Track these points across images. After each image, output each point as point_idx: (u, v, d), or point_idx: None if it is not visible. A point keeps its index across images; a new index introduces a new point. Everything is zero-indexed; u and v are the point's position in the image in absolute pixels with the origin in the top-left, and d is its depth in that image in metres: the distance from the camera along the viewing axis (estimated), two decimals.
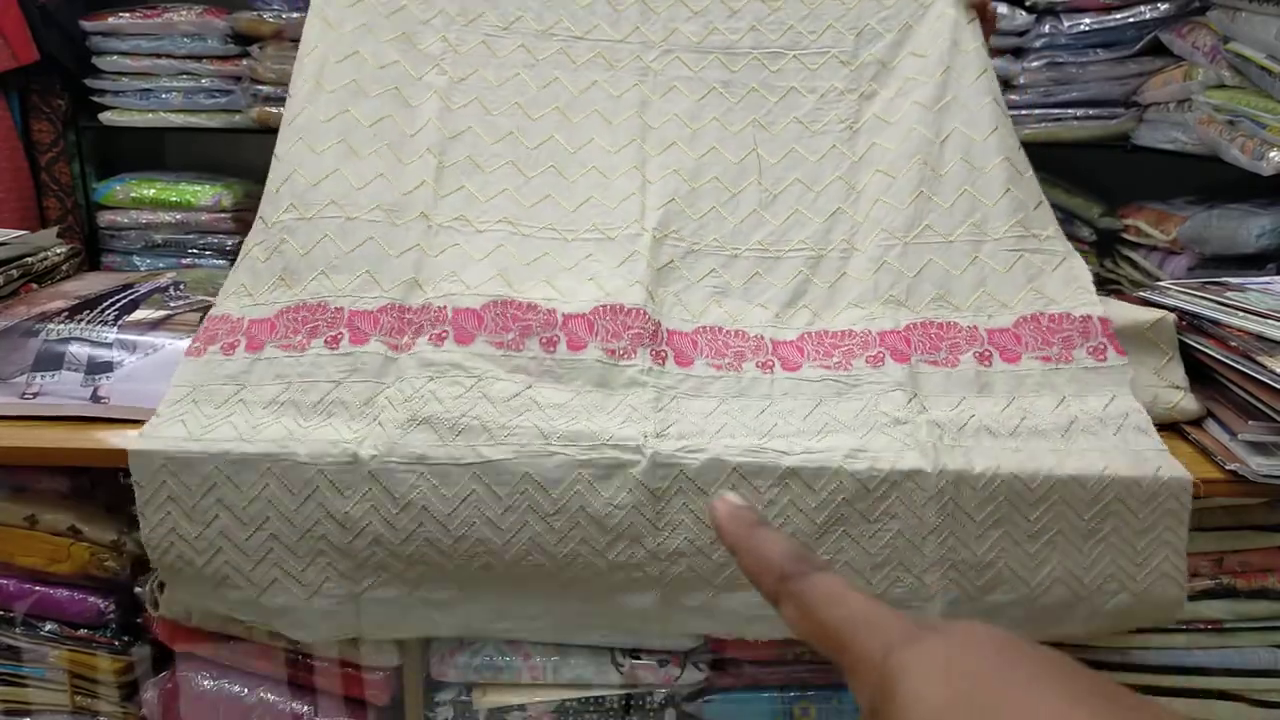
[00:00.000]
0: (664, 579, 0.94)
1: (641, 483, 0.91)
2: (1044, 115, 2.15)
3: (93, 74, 2.41)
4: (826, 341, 1.08)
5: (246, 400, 0.99)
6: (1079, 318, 1.06)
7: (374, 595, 0.95)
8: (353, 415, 0.97)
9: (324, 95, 1.20)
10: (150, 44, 2.37)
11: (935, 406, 1.00)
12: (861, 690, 0.33)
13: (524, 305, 1.05)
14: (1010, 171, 1.16)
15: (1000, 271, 1.11)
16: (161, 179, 2.47)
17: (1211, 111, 1.83)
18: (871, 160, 1.20)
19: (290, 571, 0.95)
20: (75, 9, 2.36)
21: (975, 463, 0.92)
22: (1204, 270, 1.86)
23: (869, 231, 1.16)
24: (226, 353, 1.03)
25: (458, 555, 0.93)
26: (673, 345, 1.05)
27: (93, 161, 2.53)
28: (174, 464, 0.94)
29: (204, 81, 2.40)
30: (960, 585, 0.93)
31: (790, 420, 0.98)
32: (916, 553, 0.92)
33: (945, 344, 1.06)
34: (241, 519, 0.94)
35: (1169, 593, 0.94)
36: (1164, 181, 2.14)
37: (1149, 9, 2.02)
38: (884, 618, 0.34)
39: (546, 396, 0.98)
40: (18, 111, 2.37)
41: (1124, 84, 2.11)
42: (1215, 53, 1.81)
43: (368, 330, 1.03)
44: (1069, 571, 0.93)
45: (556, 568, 0.93)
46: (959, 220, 1.14)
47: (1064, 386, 1.01)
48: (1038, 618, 0.95)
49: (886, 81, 1.24)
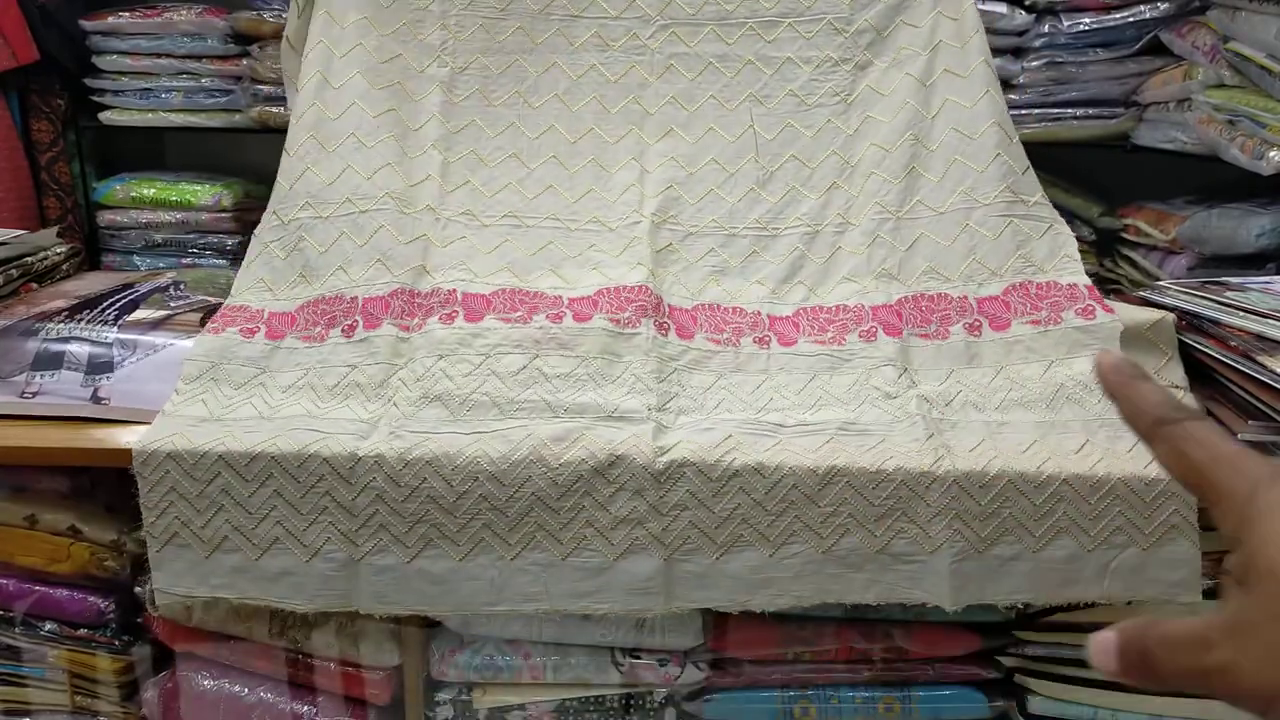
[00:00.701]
0: (666, 538, 0.93)
1: (645, 444, 0.94)
2: (1044, 115, 2.15)
3: (92, 74, 2.41)
4: (821, 316, 1.12)
5: (266, 384, 1.02)
6: (1066, 285, 1.09)
7: (373, 562, 0.95)
8: (368, 397, 1.00)
9: (330, 91, 1.22)
10: (150, 44, 2.37)
11: (925, 380, 1.03)
12: (1225, 523, 0.37)
13: (532, 293, 1.09)
14: (1000, 136, 1.19)
15: (990, 238, 1.14)
16: (161, 179, 2.46)
17: (1211, 111, 1.83)
18: (865, 134, 1.23)
19: (292, 530, 0.95)
20: (75, 9, 2.35)
21: (963, 442, 0.95)
22: (1204, 270, 1.86)
23: (863, 206, 1.19)
24: (245, 336, 1.06)
25: (460, 512, 0.93)
26: (674, 319, 1.09)
27: (93, 161, 2.53)
28: (183, 438, 0.95)
29: (204, 81, 2.40)
30: (964, 536, 0.92)
31: (785, 394, 1.02)
32: (919, 502, 0.92)
33: (936, 316, 1.10)
34: (244, 475, 0.94)
35: (1180, 549, 0.92)
36: (1164, 181, 2.14)
37: (1149, 8, 2.02)
38: (1252, 461, 0.38)
39: (553, 366, 1.01)
40: (18, 111, 2.36)
41: (1124, 84, 2.11)
42: (1215, 52, 1.81)
43: (380, 315, 1.07)
44: (1074, 522, 0.92)
45: (559, 525, 0.93)
46: (950, 190, 1.18)
47: (1051, 351, 1.04)
48: (1044, 576, 0.93)
49: (880, 51, 1.27)
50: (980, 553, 0.92)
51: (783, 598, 0.95)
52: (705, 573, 0.94)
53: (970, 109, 1.20)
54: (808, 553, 0.93)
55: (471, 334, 1.03)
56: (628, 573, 0.94)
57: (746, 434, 0.96)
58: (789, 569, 0.94)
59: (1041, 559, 0.93)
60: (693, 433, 0.96)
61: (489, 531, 0.94)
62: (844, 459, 0.93)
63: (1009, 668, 1.05)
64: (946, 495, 0.92)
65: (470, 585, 0.95)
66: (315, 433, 0.95)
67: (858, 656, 1.04)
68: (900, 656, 1.04)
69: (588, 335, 1.03)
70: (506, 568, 0.95)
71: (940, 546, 0.92)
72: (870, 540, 0.93)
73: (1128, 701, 1.02)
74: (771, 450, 0.94)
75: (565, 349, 1.02)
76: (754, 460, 0.93)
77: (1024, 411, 0.99)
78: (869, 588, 0.94)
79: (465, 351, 1.01)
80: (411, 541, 0.94)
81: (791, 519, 0.93)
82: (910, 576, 0.94)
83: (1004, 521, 0.92)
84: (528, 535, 0.94)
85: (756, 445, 0.95)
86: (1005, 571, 0.93)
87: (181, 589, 0.97)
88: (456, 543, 0.94)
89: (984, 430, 0.98)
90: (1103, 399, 0.96)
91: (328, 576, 0.95)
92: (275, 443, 0.94)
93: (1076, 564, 0.93)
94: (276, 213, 1.18)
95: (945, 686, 1.05)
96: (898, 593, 0.94)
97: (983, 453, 0.94)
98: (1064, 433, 0.97)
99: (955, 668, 1.04)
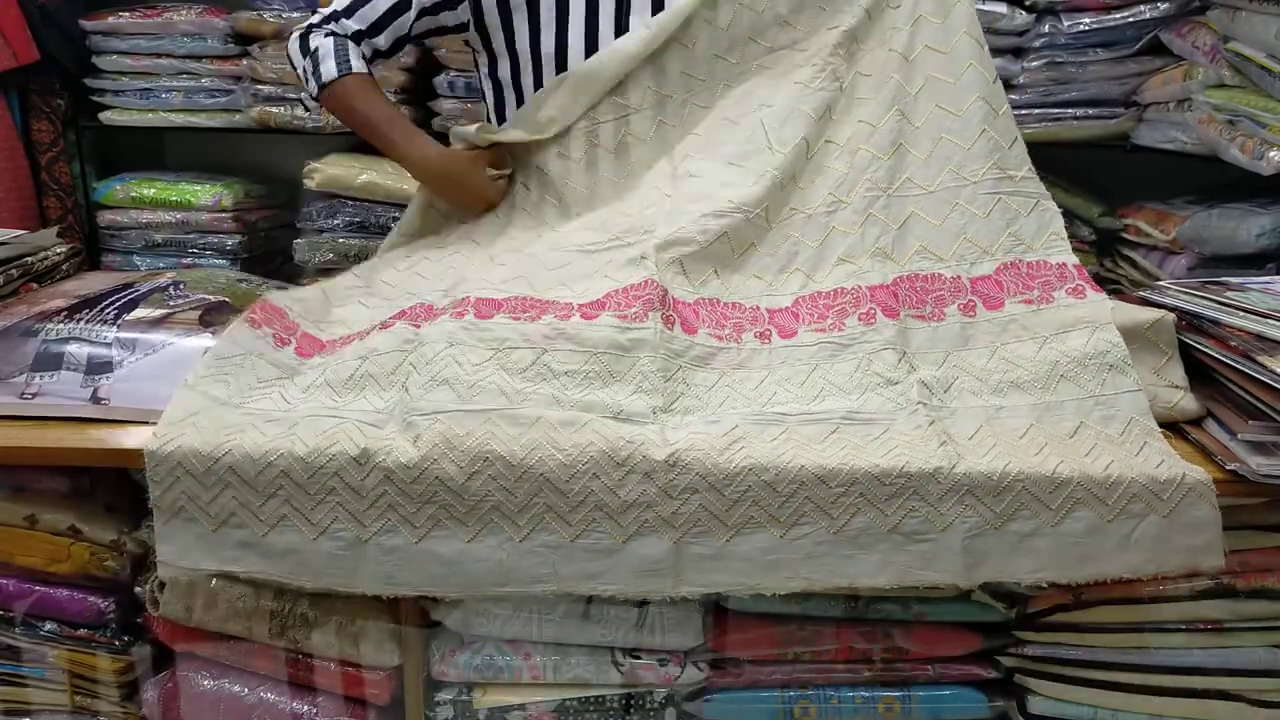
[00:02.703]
0: (676, 520, 0.93)
1: (653, 437, 0.95)
2: (1044, 115, 2.15)
3: (93, 74, 2.41)
4: (820, 303, 1.14)
5: (286, 386, 1.05)
6: (1055, 265, 1.12)
7: (380, 542, 0.95)
8: (383, 386, 1.02)
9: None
10: (150, 44, 2.37)
11: (923, 365, 1.05)
12: None
13: (544, 300, 1.11)
14: (985, 110, 1.21)
15: (980, 216, 1.16)
16: (161, 179, 2.46)
17: (1211, 111, 1.83)
18: (852, 112, 1.26)
19: (299, 508, 0.95)
20: (75, 9, 2.35)
21: (962, 429, 0.97)
22: (1204, 270, 1.86)
23: (853, 183, 1.22)
24: (279, 344, 1.10)
25: (469, 494, 0.93)
26: (678, 313, 1.10)
27: (93, 161, 2.53)
28: (200, 415, 0.97)
29: (204, 81, 2.40)
30: (978, 512, 0.92)
31: (788, 388, 1.03)
32: (931, 480, 0.92)
33: (931, 297, 1.12)
34: (253, 454, 0.94)
35: (1202, 511, 0.91)
36: (1164, 181, 2.14)
37: (1149, 8, 2.02)
38: None
39: (562, 362, 1.02)
40: (18, 111, 2.36)
41: (1124, 84, 2.11)
42: (1215, 52, 1.81)
43: (393, 321, 1.11)
44: (1090, 493, 0.92)
45: (568, 508, 0.93)
46: (938, 169, 1.20)
47: (1044, 328, 1.05)
48: (1064, 552, 0.93)
49: (869, 33, 1.29)
50: (996, 529, 0.92)
51: (794, 580, 0.95)
52: (715, 555, 0.94)
53: (954, 84, 1.22)
54: (818, 533, 0.93)
55: (481, 328, 1.04)
56: (637, 554, 0.94)
57: (752, 424, 0.98)
58: (800, 550, 0.94)
59: (1060, 533, 0.92)
60: (701, 425, 0.98)
61: (498, 513, 0.94)
62: (850, 452, 0.93)
63: (1009, 668, 1.05)
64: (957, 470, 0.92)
65: (479, 566, 0.95)
66: (332, 419, 0.97)
67: (858, 656, 1.04)
68: (900, 656, 1.04)
69: (596, 330, 1.04)
70: (515, 549, 0.95)
71: (952, 523, 0.92)
72: (881, 519, 0.93)
73: (1128, 701, 1.02)
74: (778, 440, 0.95)
75: (573, 344, 1.03)
76: (760, 449, 0.94)
77: (1020, 394, 1.01)
78: (881, 570, 0.94)
79: (475, 344, 1.02)
80: (420, 522, 0.94)
81: (802, 500, 0.93)
82: (923, 557, 0.93)
83: (1018, 495, 0.92)
84: (536, 517, 0.94)
85: (763, 435, 0.96)
86: (1024, 548, 0.92)
87: (187, 562, 0.97)
88: (465, 524, 0.94)
89: (982, 415, 0.99)
90: (1096, 375, 1.00)
91: (335, 555, 0.96)
92: (290, 430, 0.95)
93: (1097, 537, 0.92)
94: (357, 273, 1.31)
95: (945, 686, 1.05)
96: (911, 575, 0.94)
97: (981, 440, 0.95)
98: (1059, 414, 0.99)
99: (955, 668, 1.04)
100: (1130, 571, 0.94)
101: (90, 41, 2.39)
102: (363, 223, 2.33)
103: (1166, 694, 1.02)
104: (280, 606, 1.03)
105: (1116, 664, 1.02)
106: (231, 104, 2.41)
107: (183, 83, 2.40)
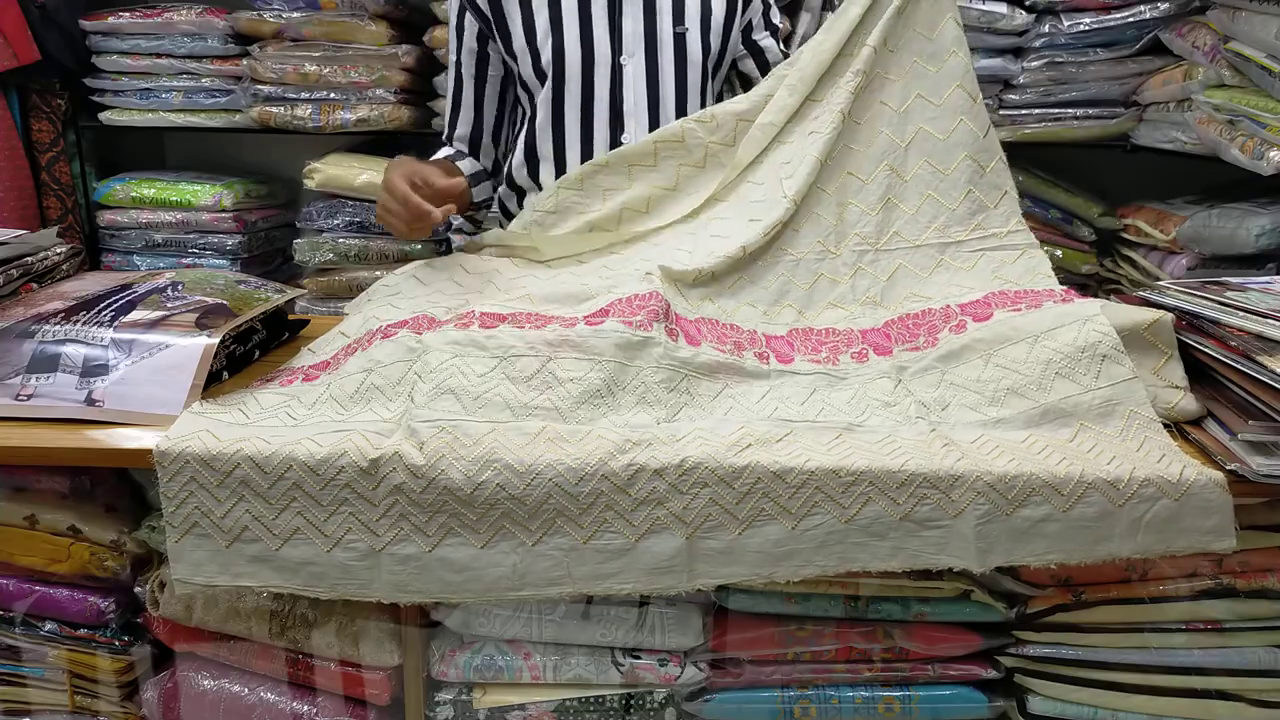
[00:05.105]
0: (688, 516, 0.93)
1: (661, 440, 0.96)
2: (1044, 115, 2.15)
3: (93, 74, 2.41)
4: (813, 337, 1.17)
5: (291, 404, 1.05)
6: (1044, 290, 1.14)
7: (394, 551, 0.95)
8: (389, 397, 1.03)
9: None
10: (150, 44, 2.37)
11: (920, 387, 1.06)
12: None
13: (548, 316, 1.11)
14: (972, 169, 1.23)
15: (965, 270, 1.20)
16: (161, 179, 2.47)
17: (1211, 111, 1.83)
18: (843, 163, 1.27)
19: (313, 521, 0.95)
20: (75, 9, 2.36)
21: (964, 437, 0.98)
22: (1204, 270, 1.86)
23: (842, 236, 1.24)
24: (284, 384, 1.11)
25: (479, 502, 0.93)
26: (681, 327, 1.11)
27: (93, 161, 2.53)
28: (208, 433, 0.97)
29: (204, 81, 2.40)
30: (989, 499, 0.92)
31: (789, 404, 1.04)
32: (940, 471, 0.92)
33: (924, 329, 1.14)
34: (264, 467, 0.94)
35: (1213, 494, 0.91)
36: (1164, 181, 2.14)
37: (1149, 9, 2.02)
38: None
39: (567, 370, 1.01)
40: (18, 111, 2.37)
41: (1124, 84, 2.11)
42: (1215, 52, 1.81)
43: (396, 330, 1.11)
44: (1101, 478, 0.92)
45: (579, 510, 0.94)
46: (924, 226, 1.24)
47: (1034, 328, 1.05)
48: (1076, 536, 0.93)
49: (871, 68, 1.28)
50: (1008, 515, 0.92)
51: (806, 568, 0.95)
52: (728, 549, 0.94)
53: (944, 141, 1.24)
54: (830, 523, 0.93)
55: (485, 336, 1.04)
56: (650, 552, 0.94)
57: (759, 424, 0.99)
58: (812, 540, 0.94)
59: (1072, 518, 0.92)
60: (708, 424, 0.99)
61: (509, 519, 0.94)
62: (856, 453, 0.94)
63: (1009, 668, 1.05)
64: (967, 458, 0.93)
65: (493, 572, 0.96)
66: (340, 433, 0.97)
67: (858, 656, 1.04)
68: (900, 656, 1.04)
69: (601, 336, 1.04)
70: (528, 554, 0.95)
71: (964, 510, 0.92)
72: (893, 508, 0.93)
73: (1128, 702, 1.02)
74: (784, 440, 0.96)
75: (578, 350, 1.03)
76: (768, 446, 0.95)
77: (1019, 399, 1.01)
78: (893, 555, 0.94)
79: (479, 352, 1.02)
80: (432, 530, 0.94)
81: (812, 490, 0.93)
82: (935, 542, 0.93)
83: (1028, 482, 0.91)
84: (548, 521, 0.94)
85: (770, 434, 0.97)
86: (1035, 533, 0.92)
87: (202, 578, 0.97)
88: (477, 531, 0.94)
89: (980, 428, 0.99)
90: (1091, 370, 0.99)
91: (349, 566, 0.96)
92: (299, 441, 0.95)
93: (1108, 521, 0.92)
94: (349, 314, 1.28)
95: (945, 686, 1.05)
96: (923, 559, 0.94)
97: (983, 445, 0.96)
98: (1057, 418, 0.99)
99: (955, 668, 1.04)
100: (1142, 553, 0.93)
101: (90, 41, 2.39)
102: (363, 223, 2.34)
103: (1166, 694, 1.02)
104: (280, 607, 1.03)
105: (1116, 664, 1.02)
106: (231, 104, 2.41)
107: (183, 83, 2.40)
